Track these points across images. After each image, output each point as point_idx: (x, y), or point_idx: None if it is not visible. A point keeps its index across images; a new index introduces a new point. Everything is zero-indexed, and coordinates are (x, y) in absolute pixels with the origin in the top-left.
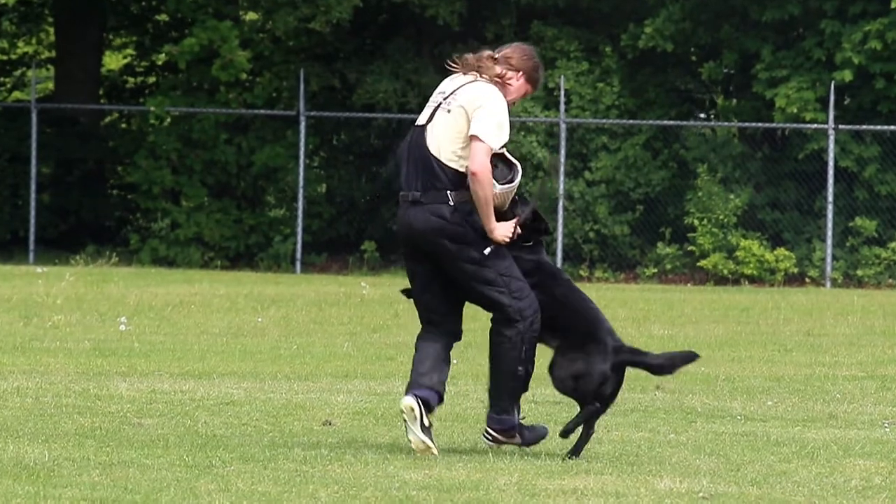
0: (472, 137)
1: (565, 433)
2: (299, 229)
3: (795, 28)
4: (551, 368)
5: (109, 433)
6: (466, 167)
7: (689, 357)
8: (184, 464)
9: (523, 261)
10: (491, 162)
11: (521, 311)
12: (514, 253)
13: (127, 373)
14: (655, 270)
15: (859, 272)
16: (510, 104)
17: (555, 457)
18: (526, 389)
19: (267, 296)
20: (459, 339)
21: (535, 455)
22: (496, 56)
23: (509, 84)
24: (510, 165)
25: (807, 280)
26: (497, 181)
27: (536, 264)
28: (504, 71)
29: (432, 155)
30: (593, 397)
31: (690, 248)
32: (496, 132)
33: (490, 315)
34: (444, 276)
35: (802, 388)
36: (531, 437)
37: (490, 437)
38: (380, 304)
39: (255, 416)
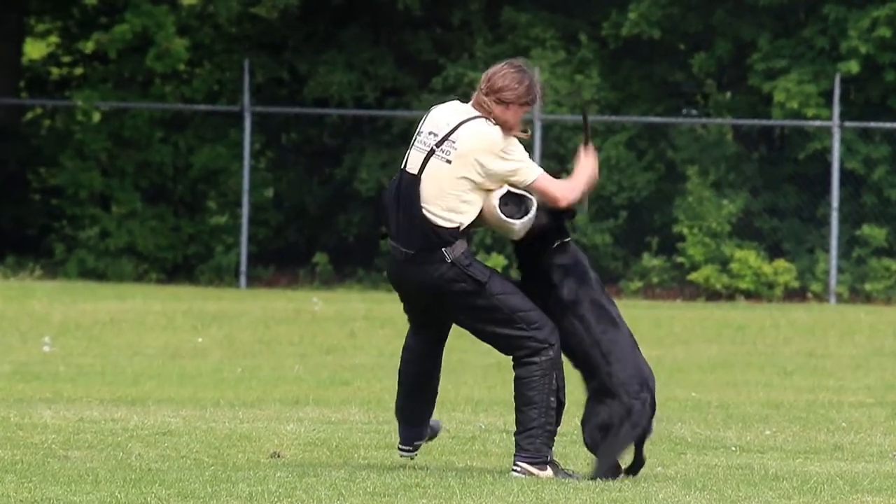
0: (532, 186)
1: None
2: (244, 239)
3: (796, 14)
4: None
5: (32, 467)
6: (466, 223)
7: None
8: (115, 501)
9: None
10: (502, 199)
11: (542, 342)
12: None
13: (52, 399)
14: (641, 284)
15: (867, 286)
16: (506, 124)
17: (529, 493)
18: (559, 423)
19: (208, 313)
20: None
21: (507, 491)
22: (485, 91)
23: (503, 117)
24: (520, 199)
25: (809, 295)
26: (513, 217)
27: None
28: (492, 107)
29: (427, 210)
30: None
31: (679, 259)
32: (530, 163)
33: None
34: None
35: (804, 415)
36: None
37: (518, 469)
38: (334, 323)
39: (195, 447)
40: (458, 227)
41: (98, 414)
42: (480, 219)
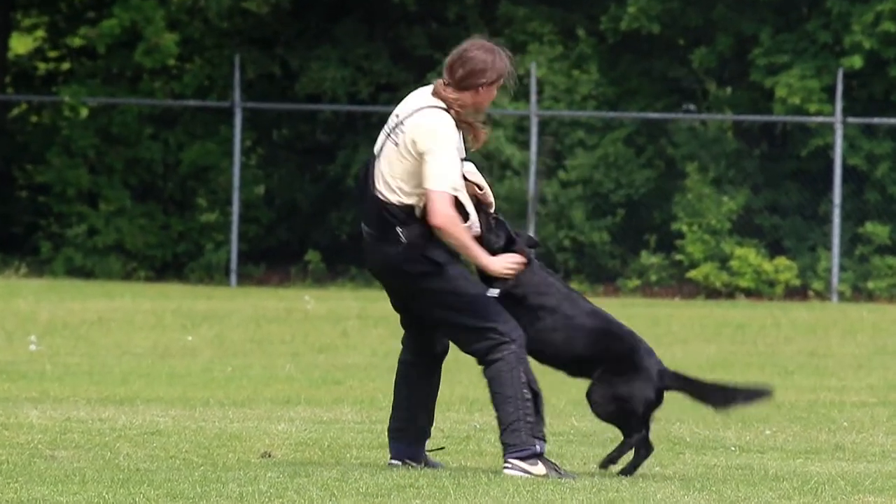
0: (427, 191)
1: (608, 463)
2: (234, 236)
3: (798, 8)
4: (590, 394)
5: (18, 467)
6: (419, 205)
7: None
8: (103, 501)
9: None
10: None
11: (508, 332)
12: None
13: (38, 399)
14: (639, 283)
15: (870, 284)
16: (483, 110)
17: (524, 493)
18: (539, 413)
19: (198, 312)
20: (443, 356)
21: (502, 491)
22: (447, 81)
23: (476, 101)
24: (459, 206)
25: (810, 293)
26: None
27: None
28: (457, 96)
29: (378, 190)
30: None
31: (678, 257)
32: (448, 176)
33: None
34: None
35: (805, 415)
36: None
37: (509, 465)
38: (326, 321)
39: (185, 447)
40: (412, 209)
41: (85, 413)
42: None
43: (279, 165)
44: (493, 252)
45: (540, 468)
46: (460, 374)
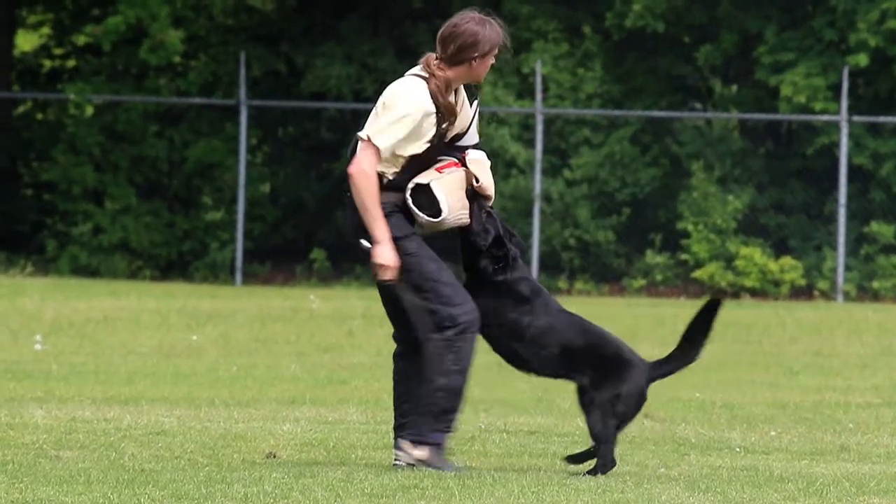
0: (357, 136)
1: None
2: (239, 235)
3: (803, 5)
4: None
5: (23, 467)
6: (387, 174)
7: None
8: (108, 502)
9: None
10: (413, 189)
11: (454, 317)
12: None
13: (43, 398)
14: (644, 282)
15: (875, 284)
16: (478, 80)
17: (529, 495)
18: (455, 410)
19: (203, 311)
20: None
21: (507, 492)
22: (439, 55)
23: (471, 74)
24: (432, 200)
25: (816, 293)
26: (422, 210)
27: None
28: (446, 73)
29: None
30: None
31: (684, 256)
32: (384, 132)
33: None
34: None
35: (810, 416)
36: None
37: (400, 453)
38: (331, 321)
39: (190, 447)
40: (380, 177)
41: (90, 413)
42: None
43: (284, 163)
44: (479, 248)
45: (422, 452)
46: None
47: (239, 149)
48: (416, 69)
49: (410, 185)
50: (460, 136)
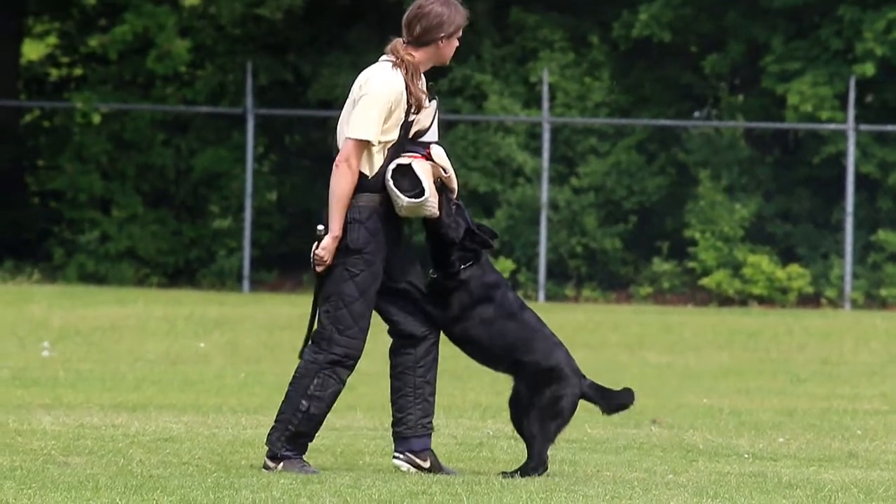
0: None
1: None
2: (247, 243)
3: (810, 15)
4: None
5: (31, 473)
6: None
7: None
8: None
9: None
10: (395, 171)
11: (332, 343)
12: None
13: (51, 405)
14: (651, 290)
15: (882, 292)
16: (445, 61)
17: (537, 501)
18: (310, 436)
19: (210, 318)
20: (431, 339)
21: (515, 498)
22: (406, 39)
23: (437, 55)
24: (416, 181)
25: (823, 301)
26: (403, 192)
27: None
28: (414, 56)
29: (336, 149)
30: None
31: (691, 264)
32: (361, 126)
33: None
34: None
35: (818, 423)
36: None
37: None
38: None
39: (198, 453)
40: (365, 176)
41: (98, 420)
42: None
43: (291, 172)
44: (450, 240)
45: (279, 466)
46: (472, 380)
47: (246, 157)
48: (384, 57)
49: (391, 167)
50: (422, 132)
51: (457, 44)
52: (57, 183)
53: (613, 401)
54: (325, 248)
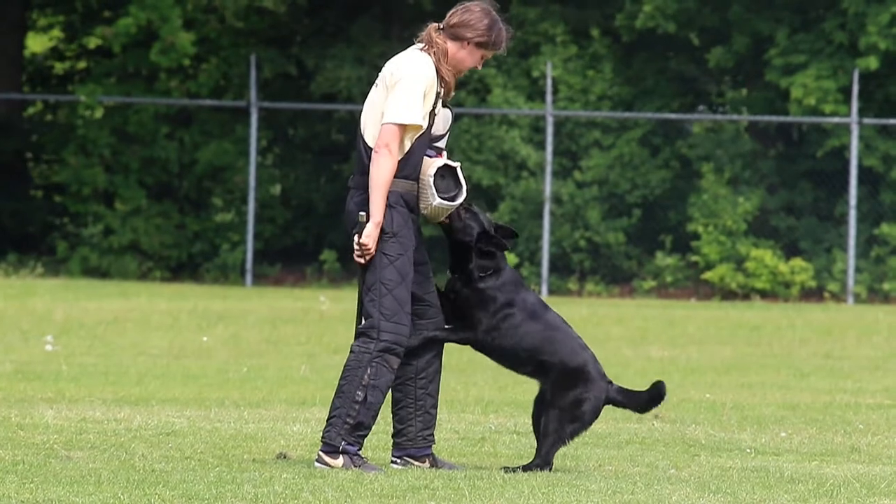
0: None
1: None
2: (250, 236)
3: (814, 8)
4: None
5: (34, 467)
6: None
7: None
8: (118, 502)
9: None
10: (439, 173)
11: (380, 332)
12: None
13: (54, 399)
14: (654, 284)
15: (886, 286)
16: (460, 72)
17: (539, 495)
18: (368, 427)
19: (213, 312)
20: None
21: (517, 493)
22: (442, 26)
23: (457, 56)
24: (457, 183)
25: (826, 295)
26: (438, 192)
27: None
28: (444, 43)
29: (361, 136)
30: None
31: (694, 258)
32: (404, 110)
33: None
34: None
35: (821, 417)
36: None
37: (317, 458)
38: (341, 322)
39: (200, 448)
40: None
41: (101, 414)
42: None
43: (295, 165)
44: (465, 244)
45: (339, 461)
46: (475, 375)
47: (249, 151)
48: (415, 46)
49: (436, 163)
50: (438, 138)
51: (480, 59)
52: (60, 176)
53: (643, 400)
54: (368, 236)
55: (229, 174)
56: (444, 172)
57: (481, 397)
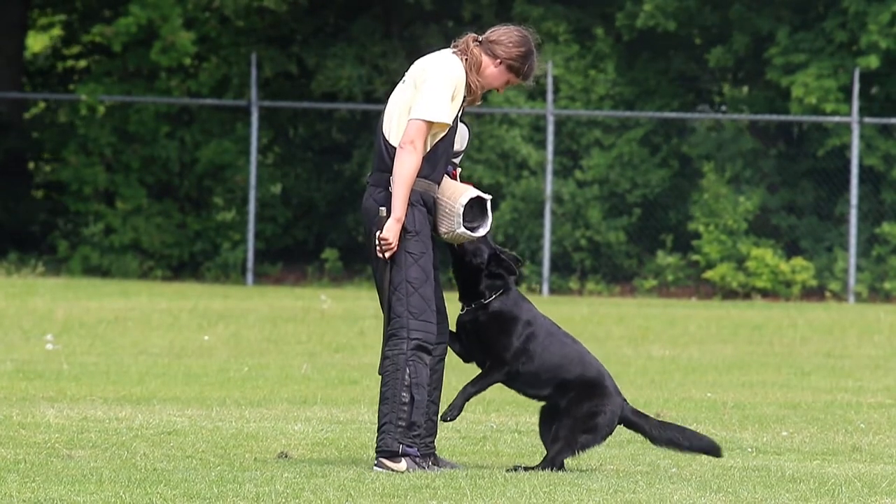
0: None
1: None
2: (251, 235)
3: (815, 7)
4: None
5: (35, 466)
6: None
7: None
8: (120, 501)
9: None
10: (469, 203)
11: (409, 330)
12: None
13: (55, 398)
14: (655, 283)
15: (886, 285)
16: (484, 88)
17: (541, 494)
18: (420, 425)
19: (214, 311)
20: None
21: (518, 492)
22: (480, 39)
23: (487, 71)
24: (483, 215)
25: (827, 294)
26: (464, 221)
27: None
28: (480, 55)
29: (382, 134)
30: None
31: (695, 257)
32: (433, 107)
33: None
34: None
35: (822, 416)
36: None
37: (377, 463)
38: (342, 321)
39: (201, 447)
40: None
41: (102, 413)
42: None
43: (295, 164)
44: (476, 267)
45: (401, 465)
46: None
47: (250, 149)
48: (449, 49)
49: (470, 195)
50: (455, 154)
51: (505, 83)
52: (61, 175)
53: (665, 432)
54: (389, 231)
55: (230, 173)
56: (474, 203)
57: (482, 396)
